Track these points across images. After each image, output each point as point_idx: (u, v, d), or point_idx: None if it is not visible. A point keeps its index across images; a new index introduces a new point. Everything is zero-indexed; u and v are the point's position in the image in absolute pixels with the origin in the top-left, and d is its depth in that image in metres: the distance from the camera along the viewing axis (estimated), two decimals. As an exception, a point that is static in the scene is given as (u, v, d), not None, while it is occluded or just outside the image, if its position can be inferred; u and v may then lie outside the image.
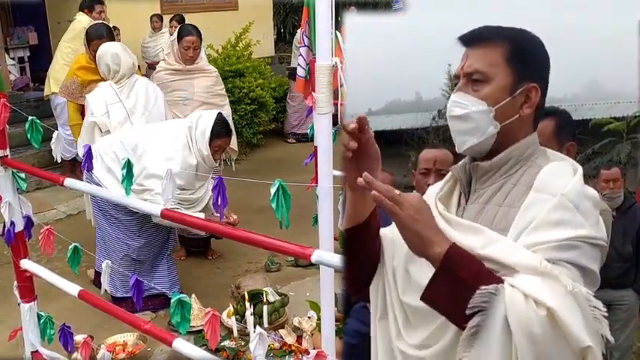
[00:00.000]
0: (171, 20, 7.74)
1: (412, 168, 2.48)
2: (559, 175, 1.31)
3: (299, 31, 8.19)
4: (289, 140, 8.41)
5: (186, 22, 7.51)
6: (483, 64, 1.35)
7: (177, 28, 4.89)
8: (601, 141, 5.72)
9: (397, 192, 1.23)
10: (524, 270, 1.19)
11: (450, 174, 1.48)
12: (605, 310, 1.18)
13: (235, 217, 3.78)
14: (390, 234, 1.47)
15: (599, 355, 1.16)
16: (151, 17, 8.00)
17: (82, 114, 4.46)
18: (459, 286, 1.19)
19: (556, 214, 1.24)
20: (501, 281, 1.18)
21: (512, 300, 1.15)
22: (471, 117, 1.35)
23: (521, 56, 1.35)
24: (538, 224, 1.25)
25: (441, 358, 1.30)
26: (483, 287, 1.17)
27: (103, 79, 4.41)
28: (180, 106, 4.60)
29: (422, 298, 1.24)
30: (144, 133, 3.77)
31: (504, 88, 1.35)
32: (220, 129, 3.63)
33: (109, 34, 4.59)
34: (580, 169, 1.34)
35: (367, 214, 1.42)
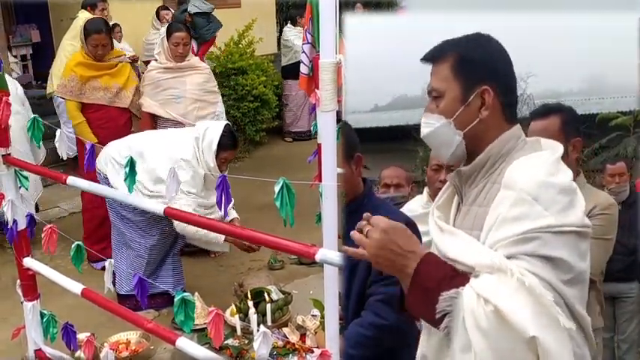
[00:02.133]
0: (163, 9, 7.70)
1: (420, 163, 2.52)
2: (524, 169, 1.35)
3: (286, 29, 8.22)
4: (287, 139, 8.41)
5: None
6: (436, 80, 1.45)
7: (166, 26, 4.84)
8: (608, 135, 5.70)
9: (364, 225, 1.35)
10: (482, 269, 1.28)
11: (447, 182, 1.55)
12: (552, 296, 1.23)
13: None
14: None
15: (554, 344, 1.21)
16: (158, 9, 7.85)
17: (83, 111, 4.43)
18: (428, 295, 1.29)
19: (515, 209, 1.30)
20: (466, 282, 1.28)
21: (468, 299, 1.25)
22: (436, 132, 1.44)
23: (466, 64, 1.42)
24: (500, 221, 1.31)
25: (437, 355, 1.42)
26: (445, 293, 1.27)
27: (104, 74, 4.43)
28: (172, 105, 4.56)
29: (404, 309, 1.37)
30: (152, 141, 3.79)
31: (456, 99, 1.43)
32: (227, 141, 3.59)
33: (107, 28, 4.53)
34: (554, 156, 1.37)
35: None
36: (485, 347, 1.22)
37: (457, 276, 1.29)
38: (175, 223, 3.59)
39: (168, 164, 3.45)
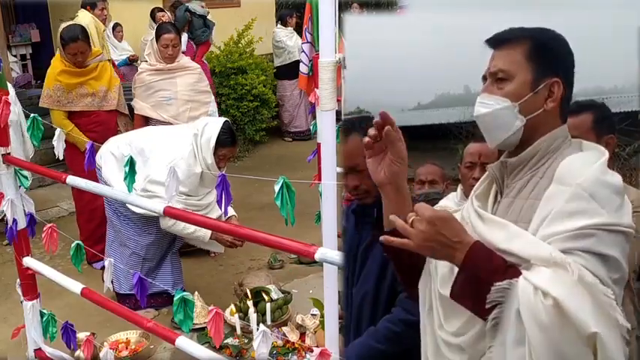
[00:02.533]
0: (171, 6, 7.68)
1: (459, 162, 2.51)
2: (578, 166, 1.35)
3: (277, 30, 8.20)
4: (286, 138, 8.41)
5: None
6: (506, 63, 1.42)
7: (155, 28, 4.75)
8: None
9: (410, 215, 1.34)
10: (537, 262, 1.25)
11: (487, 172, 1.54)
12: (613, 294, 1.23)
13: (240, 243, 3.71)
14: None
15: (612, 342, 1.20)
16: (153, 10, 7.81)
17: (71, 118, 4.35)
18: (478, 284, 1.28)
19: (571, 204, 1.29)
20: (518, 275, 1.26)
21: (523, 292, 1.23)
22: (496, 114, 1.42)
23: (542, 53, 1.41)
24: (554, 216, 1.30)
25: (474, 345, 1.38)
26: (498, 283, 1.25)
27: (89, 79, 4.34)
28: (164, 107, 4.53)
29: (450, 296, 1.35)
30: (152, 137, 3.77)
31: (526, 84, 1.41)
32: (226, 138, 3.55)
33: (84, 34, 4.33)
34: (604, 157, 1.38)
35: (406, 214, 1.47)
36: (542, 341, 1.20)
37: (508, 267, 1.28)
38: (161, 220, 3.58)
39: (166, 163, 3.46)
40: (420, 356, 1.55)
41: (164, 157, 3.54)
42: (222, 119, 3.73)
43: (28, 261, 2.84)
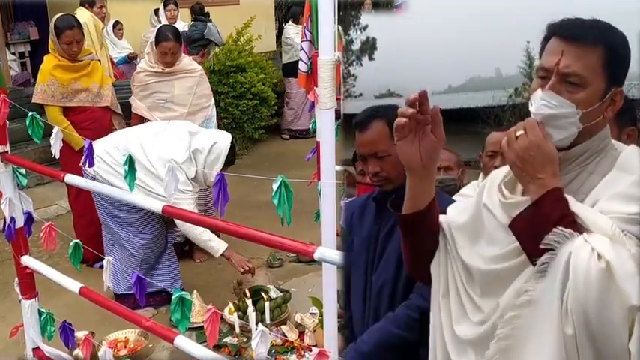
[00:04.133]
0: (191, 8, 7.68)
1: (481, 150, 2.50)
2: (636, 159, 1.37)
3: (287, 27, 8.20)
4: (283, 136, 8.40)
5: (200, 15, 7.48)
6: (582, 67, 1.35)
7: (156, 31, 4.58)
8: None
9: (519, 130, 1.35)
10: (597, 230, 1.25)
11: None
12: None
13: (251, 265, 3.81)
14: (448, 221, 1.55)
15: None
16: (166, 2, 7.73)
17: (66, 115, 4.32)
18: (543, 224, 1.27)
19: (632, 189, 1.30)
20: (579, 232, 1.26)
21: (579, 248, 1.23)
22: (558, 116, 1.37)
23: (615, 62, 1.37)
24: (614, 195, 1.31)
25: (486, 337, 1.37)
26: (561, 228, 1.25)
27: (82, 75, 4.33)
28: (161, 109, 4.48)
29: (510, 225, 1.34)
30: (138, 139, 3.75)
31: (597, 93, 1.37)
32: (229, 158, 3.70)
33: (79, 23, 4.35)
34: None
35: (428, 200, 1.48)
36: (583, 300, 1.20)
37: (575, 222, 1.27)
38: (179, 223, 3.61)
39: (158, 165, 3.55)
40: None
41: (156, 158, 3.59)
42: (228, 138, 3.78)
43: (27, 259, 2.84)
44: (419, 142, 1.42)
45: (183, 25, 7.17)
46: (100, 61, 4.77)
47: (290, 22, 8.25)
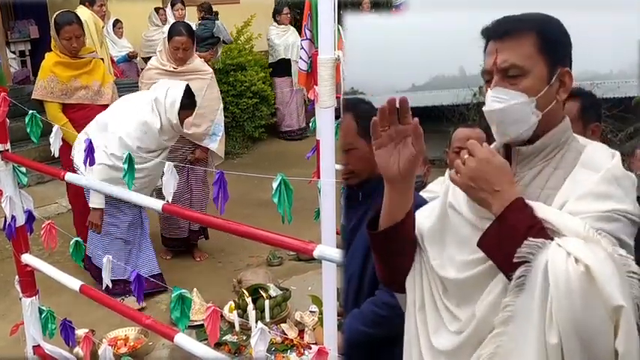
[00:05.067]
0: (199, 6, 7.69)
1: (447, 146, 2.50)
2: (603, 155, 1.38)
3: (270, 27, 8.19)
4: (281, 137, 8.40)
5: (210, 15, 7.47)
6: (518, 57, 1.37)
7: (169, 27, 4.60)
8: None
9: (463, 152, 1.35)
10: (569, 233, 1.25)
11: None
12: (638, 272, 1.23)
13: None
14: (419, 230, 1.53)
15: (633, 319, 1.20)
16: (169, 6, 7.75)
17: (65, 112, 4.32)
18: (512, 238, 1.26)
19: (601, 186, 1.31)
20: (551, 239, 1.24)
21: (554, 255, 1.22)
22: (512, 109, 1.38)
23: (552, 44, 1.39)
24: (583, 194, 1.31)
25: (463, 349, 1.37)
26: (531, 239, 1.24)
27: (82, 72, 4.34)
28: None
29: (478, 244, 1.32)
30: (114, 110, 3.87)
31: (542, 78, 1.38)
32: (187, 101, 3.78)
33: (78, 19, 4.35)
34: (617, 153, 1.40)
35: (405, 212, 1.46)
36: (567, 307, 1.19)
37: (543, 228, 1.26)
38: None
39: (131, 128, 3.66)
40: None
41: (128, 122, 3.68)
42: (184, 83, 3.88)
43: (27, 258, 2.84)
44: (399, 152, 1.39)
45: (191, 23, 7.18)
46: (102, 59, 4.76)
47: (273, 23, 8.24)
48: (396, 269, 1.55)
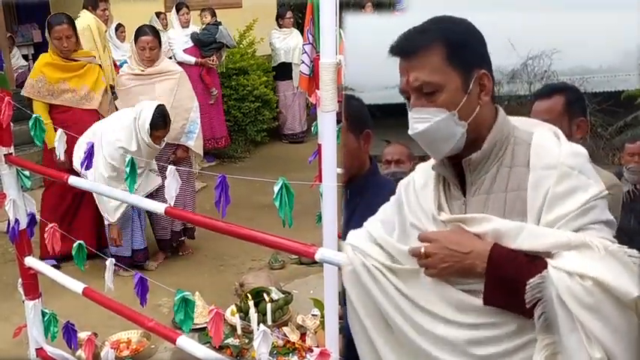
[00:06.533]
0: (202, 11, 7.70)
1: None
2: (549, 146, 1.35)
3: (272, 31, 8.20)
4: (283, 140, 8.40)
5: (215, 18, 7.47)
6: (428, 74, 1.34)
7: (135, 30, 4.68)
8: (633, 113, 5.58)
9: (419, 247, 1.34)
10: (560, 249, 1.24)
11: (424, 177, 1.50)
12: (637, 254, 1.24)
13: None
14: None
15: None
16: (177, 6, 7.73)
17: (51, 112, 4.36)
18: (509, 286, 1.26)
19: (563, 184, 1.29)
20: (544, 265, 1.24)
21: (559, 281, 1.21)
22: (437, 127, 1.35)
23: (460, 51, 1.35)
24: (552, 200, 1.29)
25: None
26: (530, 281, 1.23)
27: (73, 76, 4.39)
28: None
29: (485, 303, 1.30)
30: (103, 128, 4.13)
31: (457, 89, 1.35)
32: (159, 121, 4.01)
33: (70, 20, 4.41)
34: (560, 132, 1.39)
35: None
36: (595, 320, 1.20)
37: (532, 260, 1.26)
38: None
39: (112, 149, 4.01)
40: None
41: (106, 148, 4.02)
42: (156, 103, 4.09)
43: (30, 260, 2.85)
44: None
45: (195, 28, 7.20)
46: (100, 65, 4.78)
47: (275, 27, 8.26)
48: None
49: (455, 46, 1.34)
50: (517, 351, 1.30)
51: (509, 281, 1.26)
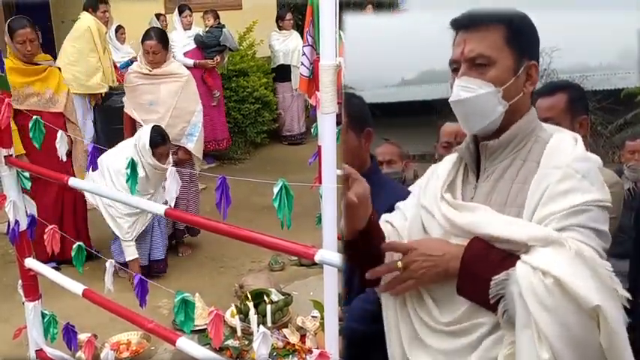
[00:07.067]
0: (205, 13, 7.71)
1: (436, 140, 2.50)
2: (563, 148, 1.38)
3: (272, 33, 8.21)
4: (283, 142, 8.40)
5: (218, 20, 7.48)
6: (485, 47, 1.39)
7: (144, 32, 4.79)
8: (633, 111, 5.56)
9: (394, 261, 1.39)
10: (535, 243, 1.26)
11: (456, 155, 1.53)
12: (610, 266, 1.25)
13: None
14: (393, 228, 1.54)
15: (614, 312, 1.21)
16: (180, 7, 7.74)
17: (15, 118, 4.21)
18: (481, 281, 1.29)
19: (564, 184, 1.31)
20: (514, 261, 1.26)
21: (522, 276, 1.23)
22: (479, 99, 1.39)
23: (519, 36, 1.40)
24: (549, 197, 1.31)
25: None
26: (495, 277, 1.26)
27: (36, 79, 4.36)
28: (145, 110, 4.55)
29: (457, 293, 1.34)
30: (109, 159, 4.18)
31: (508, 68, 1.40)
32: (157, 140, 4.12)
33: (32, 23, 4.35)
34: (579, 138, 1.41)
35: (365, 220, 1.45)
36: (548, 320, 1.20)
37: (505, 258, 1.28)
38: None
39: (123, 180, 3.88)
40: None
41: (117, 170, 4.07)
42: (151, 125, 4.22)
43: (30, 262, 2.85)
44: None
45: (197, 30, 7.20)
46: (59, 68, 4.74)
47: (275, 29, 8.27)
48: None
49: (516, 30, 1.40)
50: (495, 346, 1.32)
51: (480, 279, 1.29)
